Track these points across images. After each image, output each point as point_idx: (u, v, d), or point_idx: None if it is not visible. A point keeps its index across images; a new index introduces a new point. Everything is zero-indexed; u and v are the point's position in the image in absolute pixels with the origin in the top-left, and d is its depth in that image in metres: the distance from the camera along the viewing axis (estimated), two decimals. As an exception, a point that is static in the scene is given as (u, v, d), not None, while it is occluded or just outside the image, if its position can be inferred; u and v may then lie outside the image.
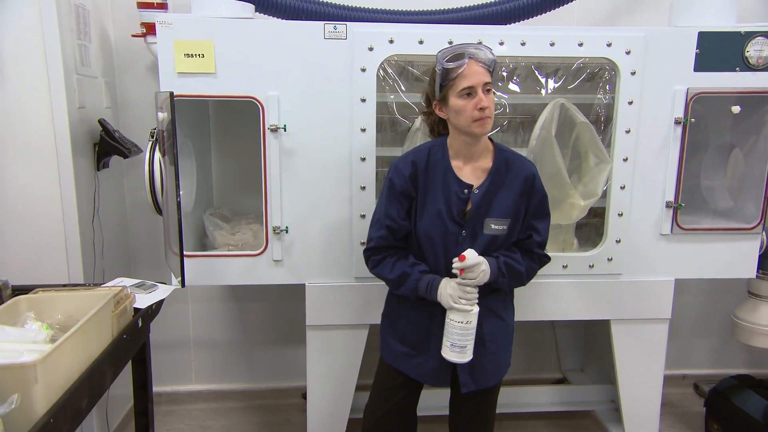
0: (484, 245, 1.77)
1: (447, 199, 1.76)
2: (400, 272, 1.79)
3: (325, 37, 2.09)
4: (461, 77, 1.66)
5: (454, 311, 1.72)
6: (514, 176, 1.78)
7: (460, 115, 1.69)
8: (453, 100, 1.69)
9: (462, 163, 1.80)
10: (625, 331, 2.40)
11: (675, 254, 2.34)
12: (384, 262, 1.83)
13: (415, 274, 1.78)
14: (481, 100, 1.65)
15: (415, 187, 1.79)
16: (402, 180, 1.79)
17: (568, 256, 2.32)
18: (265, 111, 2.11)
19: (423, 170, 1.79)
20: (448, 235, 1.76)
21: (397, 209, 1.80)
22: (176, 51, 2.04)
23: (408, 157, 1.83)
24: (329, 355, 2.33)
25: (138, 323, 1.78)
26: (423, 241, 1.78)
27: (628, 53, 2.16)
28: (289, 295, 3.01)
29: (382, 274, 1.84)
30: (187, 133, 2.39)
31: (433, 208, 1.77)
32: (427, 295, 1.75)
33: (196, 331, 3.07)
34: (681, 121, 2.22)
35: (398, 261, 1.82)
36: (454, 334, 1.72)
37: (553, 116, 2.21)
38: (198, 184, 2.48)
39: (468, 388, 1.84)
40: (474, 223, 1.77)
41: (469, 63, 1.65)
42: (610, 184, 2.26)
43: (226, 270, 2.22)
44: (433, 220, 1.77)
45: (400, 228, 1.82)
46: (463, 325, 1.71)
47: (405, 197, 1.80)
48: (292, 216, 2.19)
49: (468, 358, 1.75)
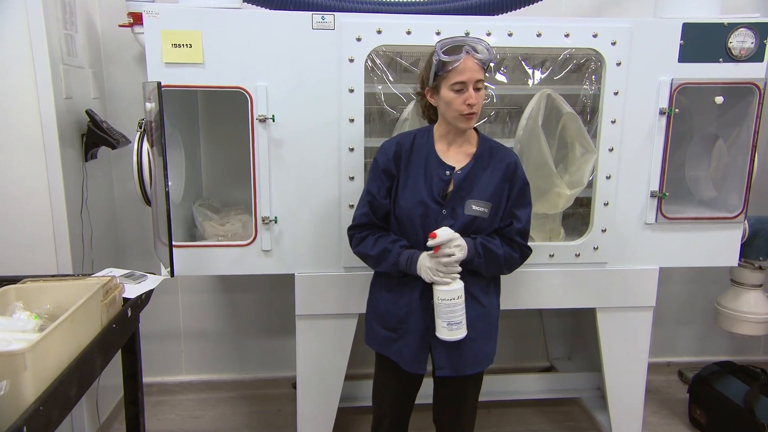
0: (463, 225, 1.78)
1: (429, 179, 1.80)
2: (381, 248, 1.82)
3: (313, 28, 2.09)
4: (455, 71, 1.68)
5: (440, 291, 1.73)
6: (497, 162, 1.82)
7: (448, 106, 1.73)
8: (444, 91, 1.72)
9: (446, 147, 1.83)
10: (610, 319, 2.43)
11: (659, 243, 2.37)
12: (366, 240, 1.87)
13: (396, 248, 1.81)
14: (470, 96, 1.68)
15: (397, 167, 1.83)
16: (385, 158, 1.84)
17: (554, 246, 2.34)
18: (253, 101, 2.10)
19: (407, 151, 1.83)
20: (428, 213, 1.78)
21: (378, 186, 1.84)
22: (164, 41, 2.03)
23: (394, 138, 1.89)
24: (319, 344, 2.34)
25: (127, 313, 1.79)
26: (404, 220, 1.80)
27: (614, 44, 2.17)
28: (278, 285, 3.02)
29: (365, 251, 1.87)
30: (176, 123, 2.38)
31: (414, 188, 1.80)
32: (407, 268, 1.77)
33: (186, 321, 3.08)
34: (665, 112, 2.24)
35: (380, 238, 1.85)
36: (444, 313, 1.73)
37: (540, 107, 2.23)
38: (187, 174, 2.47)
39: (443, 372, 1.85)
40: (455, 203, 1.79)
41: (465, 58, 1.68)
42: (595, 174, 2.28)
43: (215, 260, 2.22)
44: (414, 199, 1.79)
45: (380, 205, 1.85)
46: (449, 302, 1.72)
47: (386, 175, 1.84)
48: (281, 206, 2.20)
49: (463, 334, 1.75)
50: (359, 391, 2.73)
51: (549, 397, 2.90)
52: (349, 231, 1.93)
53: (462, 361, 1.85)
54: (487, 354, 1.90)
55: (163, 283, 2.06)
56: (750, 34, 2.21)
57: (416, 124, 2.25)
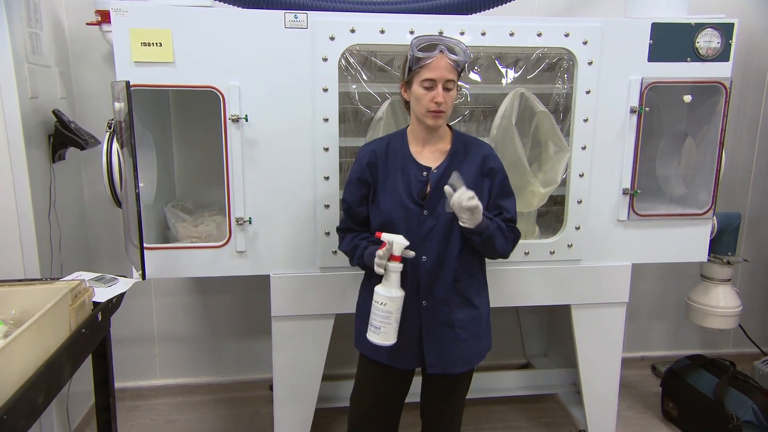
0: (445, 223, 1.78)
1: (406, 182, 1.81)
2: (354, 244, 1.88)
3: (286, 26, 2.08)
4: (426, 68, 1.69)
5: (376, 293, 1.73)
6: (472, 157, 1.83)
7: (417, 102, 1.75)
8: (415, 87, 1.74)
9: (421, 147, 1.84)
10: (584, 316, 2.46)
11: (632, 240, 2.41)
12: (345, 239, 1.93)
13: (363, 244, 1.85)
14: (438, 94, 1.70)
15: (373, 174, 1.84)
16: (359, 166, 1.86)
17: (529, 243, 2.36)
18: (225, 101, 2.08)
19: (383, 158, 1.84)
20: (409, 215, 1.79)
21: (352, 194, 1.87)
22: (132, 40, 2.00)
23: (369, 146, 1.90)
24: (295, 345, 2.33)
25: (97, 317, 1.76)
26: (385, 226, 1.80)
27: (585, 43, 2.20)
28: (254, 287, 3.00)
29: (343, 248, 1.94)
30: (147, 123, 2.35)
31: (393, 193, 1.81)
32: (369, 262, 1.79)
33: (160, 324, 3.04)
34: (636, 110, 2.28)
35: (356, 236, 1.90)
36: (372, 314, 1.74)
37: (514, 106, 2.25)
38: (159, 175, 2.44)
39: (434, 370, 1.87)
40: (434, 202, 1.79)
41: (438, 57, 1.69)
42: (569, 172, 2.31)
43: (188, 262, 2.20)
44: (394, 203, 1.80)
45: (356, 213, 1.89)
46: (379, 306, 1.72)
47: (361, 183, 1.85)
48: (256, 207, 2.18)
49: (386, 342, 1.74)
50: (337, 392, 2.72)
51: (526, 393, 2.93)
52: (337, 231, 2.00)
53: (453, 360, 1.86)
54: (478, 352, 1.92)
55: (135, 286, 2.03)
56: (716, 34, 2.26)
57: (391, 124, 2.25)
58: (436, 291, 1.82)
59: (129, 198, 1.93)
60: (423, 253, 1.77)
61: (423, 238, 1.77)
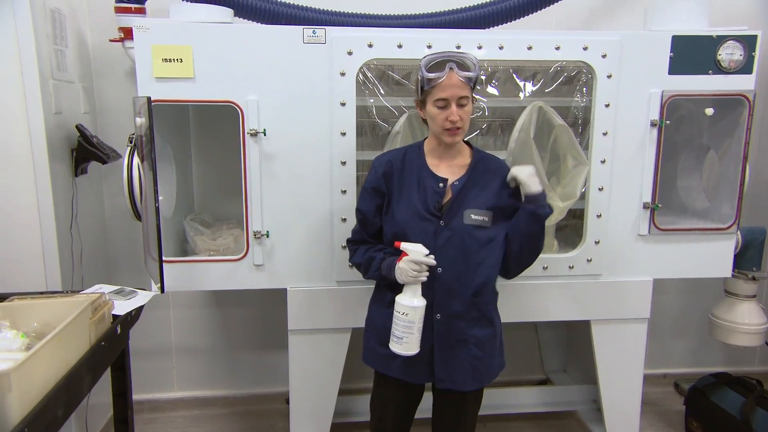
0: (461, 236, 1.78)
1: (422, 193, 1.81)
2: (369, 256, 1.87)
3: (304, 42, 2.10)
4: (438, 88, 1.70)
5: (397, 303, 1.74)
6: (492, 175, 1.84)
7: (433, 121, 1.76)
8: (429, 107, 1.74)
9: (437, 161, 1.85)
10: (605, 332, 2.43)
11: (653, 254, 2.38)
12: (358, 251, 1.92)
13: (380, 255, 1.84)
14: (452, 113, 1.70)
15: (388, 184, 1.84)
16: (375, 176, 1.86)
17: (548, 258, 2.34)
18: (244, 115, 2.11)
19: (398, 169, 1.85)
20: (425, 226, 1.78)
21: (367, 204, 1.87)
22: (154, 56, 2.03)
23: (385, 156, 1.90)
24: (312, 359, 2.33)
25: (117, 330, 1.77)
26: (399, 237, 1.79)
27: (604, 56, 2.19)
28: (270, 300, 3.00)
29: (356, 260, 1.93)
30: (167, 138, 2.38)
31: (408, 204, 1.81)
32: (388, 273, 1.78)
33: (178, 337, 3.05)
34: (657, 123, 2.26)
35: (370, 248, 1.89)
36: (394, 324, 1.75)
37: (532, 119, 2.24)
38: (178, 189, 2.47)
39: (443, 385, 1.85)
40: (452, 214, 1.79)
41: (448, 75, 1.68)
42: (588, 185, 2.29)
43: (206, 275, 2.21)
44: (409, 214, 1.80)
45: (371, 223, 1.88)
46: (401, 316, 1.72)
47: (376, 193, 1.85)
48: (273, 220, 2.20)
49: (409, 352, 1.74)
50: (353, 406, 2.70)
51: (545, 410, 2.89)
52: (347, 243, 2.00)
53: (463, 376, 1.84)
54: (490, 371, 1.90)
55: (153, 298, 2.04)
56: (738, 46, 2.24)
57: (408, 137, 2.25)
58: (453, 305, 1.80)
59: (149, 211, 1.95)
60: (438, 265, 1.76)
61: (439, 249, 1.76)
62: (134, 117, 2.03)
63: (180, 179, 2.51)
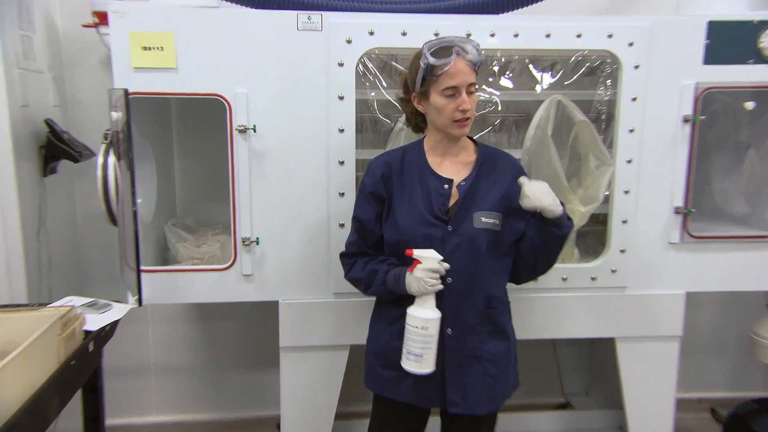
0: (471, 241, 1.78)
1: (426, 197, 1.81)
2: (369, 270, 1.86)
3: (299, 29, 2.10)
4: (446, 75, 1.70)
5: (409, 315, 1.74)
6: (501, 171, 1.85)
7: (439, 113, 1.75)
8: (434, 97, 1.74)
9: (440, 158, 1.86)
10: (631, 350, 2.42)
11: (685, 265, 2.37)
12: (355, 265, 1.91)
13: (384, 267, 1.83)
14: (464, 101, 1.71)
15: (387, 188, 1.84)
16: (372, 180, 1.86)
17: (568, 268, 2.34)
18: (232, 110, 2.11)
19: (398, 170, 1.85)
20: (431, 233, 1.78)
21: (366, 211, 1.87)
22: (132, 43, 2.04)
23: (382, 157, 1.90)
24: (306, 379, 2.33)
25: (88, 347, 1.77)
26: (403, 246, 1.79)
27: (631, 45, 2.19)
28: (260, 314, 3.00)
29: (355, 276, 1.91)
30: (146, 134, 2.39)
31: (411, 208, 1.81)
32: (396, 286, 1.77)
33: (157, 355, 3.05)
34: (690, 119, 2.26)
35: (370, 261, 1.88)
36: (410, 340, 1.74)
37: (550, 114, 2.24)
38: (159, 191, 2.48)
39: (456, 409, 1.83)
40: (461, 217, 1.79)
41: (455, 61, 1.70)
42: (612, 188, 2.29)
43: (189, 286, 2.22)
44: (413, 219, 1.80)
45: (371, 232, 1.88)
46: (418, 330, 1.72)
47: (375, 199, 1.86)
48: (264, 226, 2.20)
49: (427, 370, 1.74)
50: (351, 431, 2.70)
51: (565, 437, 2.88)
52: (341, 258, 1.97)
53: (478, 398, 1.84)
54: (505, 391, 1.90)
55: (130, 312, 2.05)
56: (782, 32, 2.23)
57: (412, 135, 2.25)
58: (466, 318, 1.81)
59: (126, 215, 1.95)
60: (448, 274, 1.76)
61: (447, 256, 1.75)
62: (110, 111, 2.03)
63: (161, 180, 2.51)
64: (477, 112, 2.39)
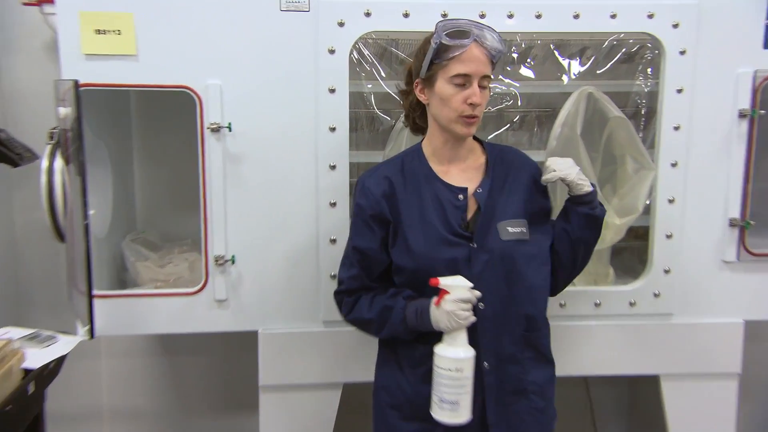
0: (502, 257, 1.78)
1: (439, 211, 1.80)
2: (381, 306, 1.81)
3: (282, 9, 2.11)
4: (458, 60, 1.70)
5: (438, 355, 1.72)
6: (517, 171, 1.88)
7: (444, 104, 1.74)
8: (441, 84, 1.74)
9: (445, 166, 1.86)
10: (679, 391, 2.41)
11: (743, 288, 2.37)
12: (359, 303, 1.86)
13: (400, 302, 1.79)
14: (474, 93, 1.71)
15: (392, 209, 1.82)
16: (372, 200, 1.82)
17: (602, 291, 2.33)
18: (203, 105, 2.11)
19: (401, 184, 1.83)
20: (454, 254, 1.77)
21: (368, 239, 1.83)
22: (83, 25, 2.04)
23: (377, 172, 1.87)
24: (290, 424, 2.33)
25: (28, 389, 1.76)
26: (421, 273, 1.78)
27: (676, 26, 2.19)
28: (236, 347, 2.99)
29: (359, 317, 1.87)
30: (101, 133, 2.39)
31: (426, 228, 1.79)
32: (419, 322, 1.74)
33: (112, 396, 3.04)
34: (747, 114, 2.25)
35: (376, 296, 1.85)
36: (442, 385, 1.71)
37: (579, 109, 2.24)
38: (115, 200, 2.48)
39: None
40: (484, 231, 1.79)
41: (471, 45, 1.70)
42: (654, 196, 2.29)
43: (152, 314, 2.21)
44: (432, 240, 1.78)
45: (376, 262, 1.84)
46: (452, 373, 1.70)
47: (378, 222, 1.82)
48: (241, 242, 2.20)
49: (464, 419, 1.72)
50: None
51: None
52: (336, 296, 1.93)
53: None
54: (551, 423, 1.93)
55: (79, 346, 2.05)
56: None
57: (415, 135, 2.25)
58: (504, 347, 1.81)
59: (75, 230, 1.95)
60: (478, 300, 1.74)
61: (476, 279, 1.74)
62: (56, 106, 2.03)
63: (118, 187, 2.51)
64: (492, 107, 2.40)
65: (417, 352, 1.82)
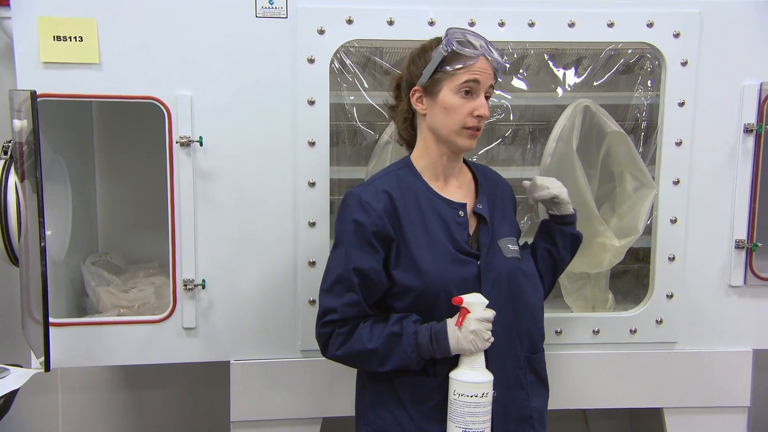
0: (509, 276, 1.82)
1: (444, 229, 1.81)
2: (386, 334, 1.74)
3: (258, 15, 2.12)
4: (468, 69, 1.74)
5: (463, 383, 1.69)
6: (501, 191, 1.98)
7: (449, 115, 1.76)
8: (446, 94, 1.75)
9: (442, 182, 1.87)
10: (684, 424, 2.41)
11: (751, 314, 2.38)
12: (357, 333, 1.77)
13: (410, 327, 1.74)
14: (482, 105, 1.76)
15: (395, 225, 1.78)
16: (374, 216, 1.76)
17: (600, 318, 2.34)
18: (172, 117, 2.11)
19: (401, 200, 1.80)
20: (464, 273, 1.78)
21: (369, 259, 1.75)
22: (41, 31, 2.03)
23: (372, 185, 1.83)
24: (265, 465, 2.30)
25: (-22, 426, 1.73)
26: (427, 297, 1.77)
27: (677, 36, 2.22)
28: (206, 379, 2.98)
29: (358, 348, 1.76)
30: (59, 147, 2.38)
31: (433, 245, 1.79)
32: (434, 349, 1.71)
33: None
34: (753, 129, 2.28)
35: (375, 323, 1.78)
36: (467, 415, 1.69)
37: (575, 123, 2.25)
38: (75, 220, 2.46)
39: None
40: (490, 249, 1.83)
41: (481, 58, 1.76)
42: (655, 216, 2.30)
43: (113, 344, 2.20)
44: (442, 259, 1.78)
45: (377, 285, 1.78)
46: (478, 399, 1.69)
47: (381, 240, 1.77)
48: (212, 265, 2.19)
49: None
50: None
51: None
52: (324, 327, 1.81)
53: None
54: None
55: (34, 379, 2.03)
56: None
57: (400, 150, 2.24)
58: (509, 371, 1.82)
59: (31, 252, 1.94)
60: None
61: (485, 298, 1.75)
62: (11, 118, 2.02)
63: (78, 206, 2.49)
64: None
65: (424, 386, 1.79)
